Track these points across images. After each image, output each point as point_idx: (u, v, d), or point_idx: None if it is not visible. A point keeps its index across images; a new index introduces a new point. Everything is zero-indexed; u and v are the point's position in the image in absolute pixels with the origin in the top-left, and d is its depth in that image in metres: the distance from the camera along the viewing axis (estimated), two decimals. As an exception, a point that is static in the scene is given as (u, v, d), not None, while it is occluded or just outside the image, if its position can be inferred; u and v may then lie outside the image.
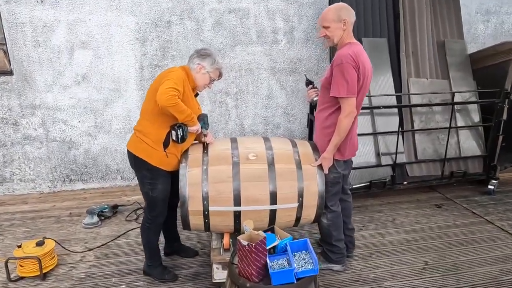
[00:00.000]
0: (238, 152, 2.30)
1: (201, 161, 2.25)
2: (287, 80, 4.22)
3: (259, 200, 2.22)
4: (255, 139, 2.47)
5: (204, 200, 2.19)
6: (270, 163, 2.26)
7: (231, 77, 4.09)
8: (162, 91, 2.04)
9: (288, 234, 1.89)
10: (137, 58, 3.84)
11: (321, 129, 2.35)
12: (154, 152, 2.20)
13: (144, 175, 2.24)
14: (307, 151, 2.39)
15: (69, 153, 3.94)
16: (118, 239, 3.04)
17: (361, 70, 2.15)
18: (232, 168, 2.22)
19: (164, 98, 2.02)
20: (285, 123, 4.35)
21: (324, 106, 2.32)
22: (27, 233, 3.14)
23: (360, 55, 2.16)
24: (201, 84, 2.33)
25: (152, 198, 2.29)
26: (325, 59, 4.23)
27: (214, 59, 2.31)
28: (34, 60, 3.64)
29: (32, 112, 3.77)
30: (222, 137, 2.08)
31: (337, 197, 2.46)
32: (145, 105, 2.25)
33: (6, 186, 3.90)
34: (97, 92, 3.84)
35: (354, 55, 2.12)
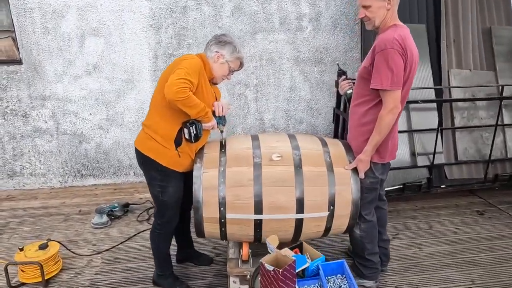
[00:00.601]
0: (260, 151, 2.01)
1: (218, 162, 1.98)
2: (312, 71, 3.88)
3: (283, 208, 1.93)
4: (279, 136, 2.18)
5: (221, 206, 1.92)
6: (297, 165, 1.96)
7: (251, 67, 3.78)
8: (171, 82, 1.77)
9: (320, 253, 1.59)
10: (151, 46, 3.59)
11: (357, 127, 2.03)
12: (164, 151, 1.93)
13: (153, 176, 1.99)
14: (340, 152, 2.07)
15: (80, 147, 3.75)
16: (128, 241, 2.82)
17: (409, 58, 1.81)
18: (253, 170, 1.94)
19: (173, 90, 1.75)
20: (309, 117, 4.02)
21: (362, 100, 1.99)
22: (33, 232, 2.96)
23: (407, 39, 1.82)
24: (219, 75, 2.05)
25: (163, 202, 2.03)
26: (353, 48, 3.87)
27: (235, 47, 2.03)
28: (43, 48, 3.44)
29: (42, 103, 3.59)
30: (242, 134, 1.85)
31: (372, 205, 2.15)
32: (155, 96, 1.99)
33: (16, 180, 3.76)
34: (109, 82, 3.62)
35: (400, 40, 1.78)
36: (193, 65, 1.87)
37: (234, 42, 2.05)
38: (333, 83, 3.91)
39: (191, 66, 1.85)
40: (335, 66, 3.88)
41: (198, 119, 1.90)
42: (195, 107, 1.83)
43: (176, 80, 1.77)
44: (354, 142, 2.06)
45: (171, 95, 1.76)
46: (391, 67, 1.77)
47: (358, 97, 2.03)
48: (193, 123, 1.90)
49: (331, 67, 3.89)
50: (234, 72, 2.11)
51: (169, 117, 1.90)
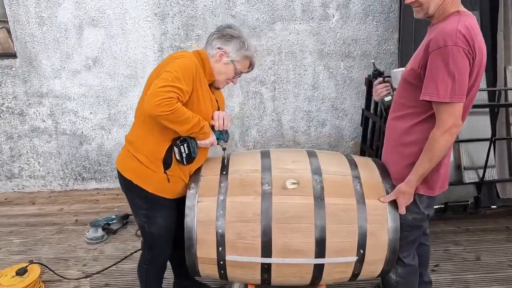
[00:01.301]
0: (271, 176, 1.58)
1: (218, 188, 1.57)
2: (338, 66, 3.38)
3: (299, 251, 1.51)
4: (296, 154, 1.74)
5: (219, 246, 1.52)
6: (318, 195, 1.53)
7: (268, 62, 3.33)
8: (153, 91, 1.37)
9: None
10: (155, 38, 3.20)
11: (398, 147, 1.56)
12: (149, 174, 1.54)
13: (137, 204, 1.61)
14: (374, 178, 1.62)
15: (81, 148, 3.45)
16: (122, 262, 2.48)
17: (477, 58, 1.32)
18: (261, 202, 1.52)
19: (154, 103, 1.34)
20: (333, 119, 3.54)
21: (405, 112, 1.51)
22: (23, 245, 2.69)
23: (475, 32, 1.33)
24: (222, 78, 1.63)
25: (150, 234, 1.66)
26: (388, 40, 3.33)
27: (243, 43, 1.58)
28: (38, 40, 3.12)
29: (39, 101, 3.29)
30: (248, 151, 1.47)
31: (414, 245, 1.68)
32: (139, 105, 1.59)
33: (15, 182, 3.51)
34: (110, 78, 3.27)
35: (466, 33, 1.29)
36: (185, 66, 1.45)
37: (242, 36, 1.60)
38: (363, 80, 3.39)
39: (183, 68, 1.44)
40: (365, 61, 3.37)
41: (191, 135, 1.49)
42: (185, 122, 1.42)
43: (159, 89, 1.36)
44: (393, 167, 1.60)
45: (151, 109, 1.36)
46: (452, 72, 1.29)
47: (400, 108, 1.55)
48: (185, 141, 1.49)
49: (361, 62, 3.37)
50: (241, 74, 1.67)
51: (157, 132, 1.51)
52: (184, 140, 1.48)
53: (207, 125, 1.52)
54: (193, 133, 1.47)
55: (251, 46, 1.63)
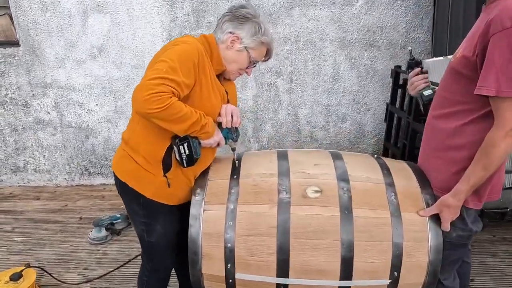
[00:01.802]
0: (290, 182, 1.35)
1: (227, 195, 1.35)
2: (361, 56, 3.10)
3: (321, 272, 1.28)
4: (318, 156, 1.51)
5: (228, 262, 1.30)
6: (345, 206, 1.29)
7: (285, 51, 3.08)
8: (141, 84, 1.15)
9: None
10: (164, 25, 2.98)
11: (442, 150, 1.30)
12: (147, 177, 1.33)
13: (134, 210, 1.41)
14: (411, 186, 1.37)
15: (87, 142, 3.30)
16: (125, 266, 2.32)
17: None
18: (278, 212, 1.29)
19: (141, 99, 1.13)
20: (354, 114, 3.27)
21: (453, 109, 1.25)
22: (23, 244, 2.55)
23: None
24: (234, 67, 1.39)
25: (149, 244, 1.46)
26: (418, 27, 3.02)
27: (259, 26, 1.34)
28: (42, 28, 2.96)
29: (43, 91, 3.14)
30: (263, 151, 1.28)
31: (456, 266, 1.43)
32: None
33: (20, 176, 3.40)
34: (116, 68, 3.08)
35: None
36: (185, 54, 1.22)
37: (258, 18, 1.36)
38: (388, 71, 3.11)
39: (181, 57, 1.20)
40: (390, 50, 3.08)
41: (191, 135, 1.27)
42: (181, 120, 1.20)
43: (148, 82, 1.13)
44: (436, 174, 1.34)
45: (139, 106, 1.15)
46: (518, 60, 1.03)
47: (445, 104, 1.29)
48: (186, 139, 1.27)
49: (386, 52, 3.08)
50: (256, 64, 1.44)
51: (156, 128, 1.29)
52: (184, 139, 1.27)
53: (210, 123, 1.29)
54: (193, 133, 1.25)
55: (268, 30, 1.39)
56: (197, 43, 1.29)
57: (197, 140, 1.29)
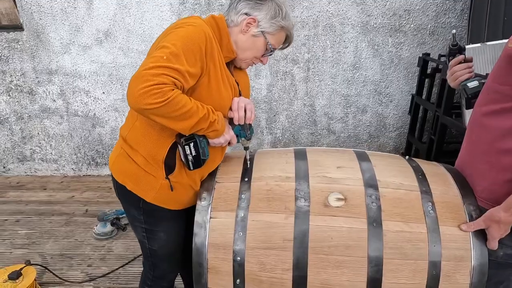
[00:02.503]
0: (309, 187, 1.18)
1: (237, 200, 1.18)
2: (385, 42, 2.86)
3: (344, 292, 1.11)
4: (341, 156, 1.32)
5: (237, 277, 1.15)
6: (374, 218, 1.11)
7: (302, 37, 2.86)
8: (137, 74, 0.97)
9: None
10: (173, 8, 2.79)
11: (491, 154, 1.10)
12: (148, 179, 1.17)
13: (134, 216, 1.26)
14: (451, 194, 1.17)
15: (94, 131, 3.18)
16: (130, 264, 2.21)
17: None
18: (295, 222, 1.12)
19: (137, 91, 0.95)
20: (375, 105, 3.05)
21: (509, 104, 1.05)
22: (27, 238, 2.47)
23: None
24: (247, 55, 1.20)
25: (151, 252, 1.31)
26: (449, 11, 2.75)
27: (279, 8, 1.16)
28: (45, 11, 2.81)
29: (48, 78, 3.01)
30: (278, 149, 1.13)
31: (500, 286, 1.24)
32: None
33: (27, 165, 3.32)
34: (123, 54, 2.92)
35: None
36: (189, 38, 1.03)
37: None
38: (415, 60, 2.86)
39: (186, 41, 1.02)
40: (418, 36, 2.82)
41: (198, 133, 1.10)
42: (185, 117, 1.02)
43: (146, 72, 0.95)
44: (482, 181, 1.14)
45: (134, 100, 0.96)
46: None
47: (497, 98, 1.08)
48: (192, 139, 1.10)
49: (413, 38, 2.83)
50: (273, 52, 1.24)
51: (158, 125, 1.12)
52: (190, 138, 1.10)
53: (220, 119, 1.12)
54: (200, 131, 1.08)
55: (289, 14, 1.19)
56: (204, 25, 1.10)
57: (205, 140, 1.12)
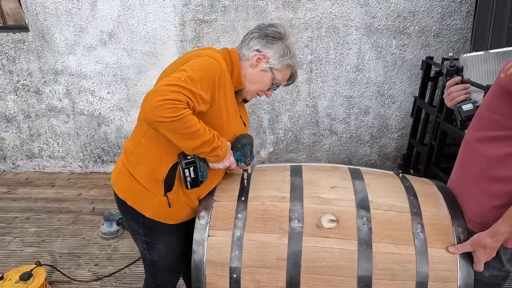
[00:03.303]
0: (302, 208, 1.22)
1: (233, 220, 1.24)
2: (389, 44, 2.84)
3: (334, 309, 1.17)
4: (335, 175, 1.36)
5: (233, 293, 1.21)
6: (364, 240, 1.16)
7: (305, 38, 2.85)
8: (155, 89, 1.03)
9: None
10: (176, 10, 2.80)
11: (483, 180, 1.13)
12: (147, 195, 1.23)
13: (135, 229, 1.32)
14: (440, 216, 1.21)
15: (99, 130, 3.24)
16: (135, 264, 2.29)
17: None
18: (289, 243, 1.18)
19: (153, 103, 1.00)
20: (377, 107, 3.05)
21: (501, 132, 1.07)
22: (37, 236, 2.57)
23: None
24: (255, 88, 1.28)
25: (152, 262, 1.38)
26: (454, 13, 2.72)
27: (288, 48, 1.24)
28: (50, 12, 2.83)
29: (54, 78, 3.06)
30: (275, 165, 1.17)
31: (487, 303, 1.29)
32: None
33: (36, 162, 3.41)
34: (127, 55, 2.95)
35: None
36: (207, 68, 1.10)
37: (288, 39, 1.25)
38: (419, 62, 2.85)
39: (203, 69, 1.09)
40: (422, 38, 2.80)
41: (200, 155, 1.15)
42: (192, 137, 1.07)
43: (164, 87, 1.02)
44: (471, 205, 1.17)
45: (148, 112, 1.01)
46: None
47: (491, 125, 1.10)
48: (192, 162, 1.15)
49: (417, 40, 2.81)
50: (279, 87, 1.31)
51: (164, 143, 1.18)
52: (190, 162, 1.14)
53: (224, 145, 1.16)
54: (202, 153, 1.12)
55: (295, 54, 1.28)
56: (221, 59, 1.17)
57: (205, 164, 1.16)
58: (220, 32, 2.85)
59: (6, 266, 2.24)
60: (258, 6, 2.76)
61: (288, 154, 3.27)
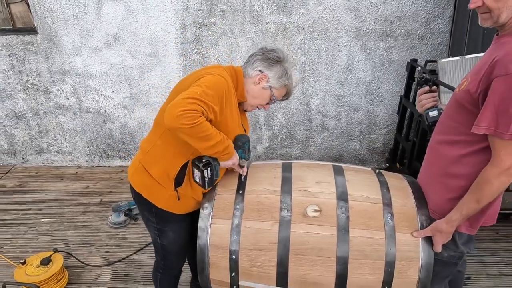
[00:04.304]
0: (291, 199, 1.44)
1: (232, 210, 1.45)
2: (377, 46, 3.03)
3: (317, 284, 1.40)
4: (321, 172, 1.57)
5: (233, 271, 1.43)
6: (343, 226, 1.38)
7: (298, 41, 3.04)
8: (177, 101, 1.25)
9: None
10: (177, 14, 2.97)
11: (442, 176, 1.35)
12: (159, 189, 1.46)
13: (148, 218, 1.55)
14: (408, 206, 1.43)
15: (105, 127, 3.43)
16: (142, 251, 2.52)
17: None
18: (279, 229, 1.39)
19: (175, 113, 1.22)
20: (366, 105, 3.26)
21: (457, 137, 1.28)
22: (50, 225, 2.78)
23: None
24: (255, 102, 1.52)
25: (162, 246, 1.61)
26: (438, 17, 2.91)
27: (285, 70, 1.48)
28: (58, 16, 2.99)
29: (62, 78, 3.24)
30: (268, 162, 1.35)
31: (446, 280, 1.52)
32: (160, 113, 1.47)
33: (44, 157, 3.60)
34: (131, 57, 3.13)
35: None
36: (217, 84, 1.32)
37: (286, 62, 1.48)
38: (404, 63, 3.05)
39: (214, 86, 1.31)
40: (408, 41, 3.00)
41: (213, 156, 1.36)
42: (208, 139, 1.29)
43: (183, 100, 1.24)
44: (433, 197, 1.39)
45: (172, 120, 1.23)
46: (519, 106, 1.04)
47: (448, 131, 1.32)
48: (209, 164, 1.36)
49: (403, 43, 3.00)
50: (275, 102, 1.54)
51: (176, 144, 1.39)
52: (207, 164, 1.35)
53: (231, 145, 1.39)
54: (216, 153, 1.34)
55: (292, 75, 1.51)
56: (228, 77, 1.38)
57: (218, 163, 1.38)
58: (218, 35, 3.03)
59: (25, 253, 2.45)
60: (254, 11, 2.94)
61: (283, 149, 3.48)
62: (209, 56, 3.11)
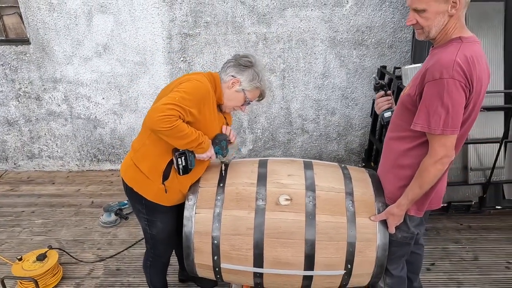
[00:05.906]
0: (266, 191, 1.64)
1: (214, 201, 1.64)
2: (350, 54, 3.28)
3: (289, 264, 1.59)
4: (292, 167, 1.77)
5: (215, 255, 1.62)
6: (310, 213, 1.58)
7: (278, 50, 3.26)
8: (156, 107, 1.44)
9: None
10: (164, 25, 3.17)
11: (393, 168, 1.57)
12: (148, 183, 1.64)
13: (139, 209, 1.72)
14: (367, 194, 1.65)
15: (95, 132, 3.58)
16: (133, 247, 2.67)
17: (474, 91, 1.28)
18: (255, 216, 1.59)
19: (154, 118, 1.42)
20: (342, 108, 3.50)
21: (402, 134, 1.51)
22: (43, 226, 2.91)
23: (476, 63, 1.27)
24: (231, 104, 1.70)
25: (152, 236, 1.78)
26: (404, 28, 3.17)
27: (257, 74, 1.64)
28: (50, 27, 3.16)
29: (53, 86, 3.39)
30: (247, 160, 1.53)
31: (402, 259, 1.74)
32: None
33: (36, 162, 3.72)
34: (120, 65, 3.30)
35: (465, 64, 1.24)
36: (195, 89, 1.51)
37: (257, 66, 1.66)
38: (376, 69, 3.30)
39: (192, 91, 1.49)
40: (378, 49, 3.25)
41: (189, 149, 1.55)
42: (183, 137, 1.48)
43: (162, 106, 1.43)
44: (388, 186, 1.61)
45: (152, 124, 1.43)
46: (446, 105, 1.27)
47: (397, 129, 1.54)
48: (183, 154, 1.55)
49: (374, 51, 3.25)
50: (250, 103, 1.72)
51: (162, 143, 1.58)
52: (182, 153, 1.55)
53: (206, 141, 1.58)
54: (191, 147, 1.53)
55: (264, 78, 1.68)
56: (207, 82, 1.56)
57: (192, 154, 1.57)
58: (203, 44, 3.23)
59: (20, 252, 2.57)
60: (236, 22, 3.16)
61: (266, 151, 3.69)
62: (195, 64, 3.31)
